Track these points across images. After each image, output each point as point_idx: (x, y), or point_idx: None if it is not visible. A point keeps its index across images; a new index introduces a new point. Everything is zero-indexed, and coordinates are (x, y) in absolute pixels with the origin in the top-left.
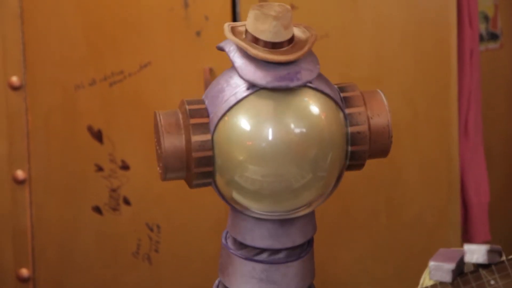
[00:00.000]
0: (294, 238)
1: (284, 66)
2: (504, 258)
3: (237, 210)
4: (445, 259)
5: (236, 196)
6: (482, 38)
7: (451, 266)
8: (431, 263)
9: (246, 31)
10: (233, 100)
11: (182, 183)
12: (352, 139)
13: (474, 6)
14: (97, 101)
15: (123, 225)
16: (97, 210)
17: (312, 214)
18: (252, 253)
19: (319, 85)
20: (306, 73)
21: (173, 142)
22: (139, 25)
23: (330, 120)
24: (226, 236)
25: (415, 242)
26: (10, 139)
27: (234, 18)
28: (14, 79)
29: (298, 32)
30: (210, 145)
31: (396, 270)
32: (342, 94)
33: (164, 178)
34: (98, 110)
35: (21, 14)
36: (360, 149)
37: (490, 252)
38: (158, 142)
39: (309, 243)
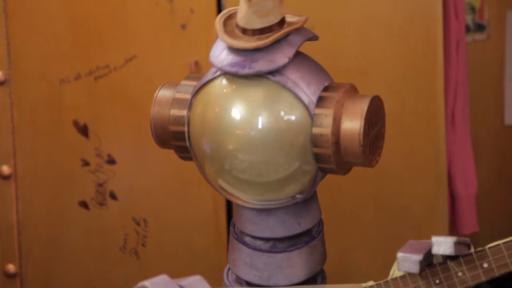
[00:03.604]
0: (273, 230)
1: (245, 53)
2: (472, 250)
3: None
4: (413, 251)
5: (222, 184)
6: (469, 29)
7: (418, 257)
8: (399, 254)
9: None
10: (203, 81)
11: (168, 177)
12: (314, 140)
13: None
14: (82, 96)
15: (110, 220)
16: (84, 205)
17: (298, 209)
18: (243, 235)
19: (283, 79)
20: (263, 63)
21: (160, 113)
22: (124, 18)
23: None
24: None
25: (403, 234)
26: None
27: (219, 11)
28: None
29: (293, 19)
30: (183, 121)
31: (384, 262)
32: (322, 93)
33: (159, 145)
34: (84, 105)
35: (5, 8)
36: (323, 152)
37: (458, 244)
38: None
39: (307, 241)
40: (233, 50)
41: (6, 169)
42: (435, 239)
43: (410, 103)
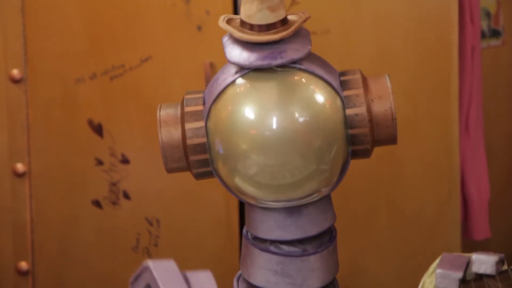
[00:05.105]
0: (305, 228)
1: (269, 46)
2: (506, 267)
3: (248, 202)
4: (452, 267)
5: (238, 183)
6: (484, 35)
7: (458, 275)
8: (438, 271)
9: (240, 20)
10: (223, 85)
11: (181, 177)
12: (350, 121)
13: (476, 2)
14: (97, 95)
15: (123, 219)
16: (97, 204)
17: (324, 204)
18: (269, 244)
19: (311, 66)
20: (291, 52)
21: (169, 132)
22: (140, 19)
23: (330, 107)
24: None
25: (415, 239)
26: (10, 132)
27: (235, 12)
28: (15, 72)
29: (294, 17)
30: (203, 132)
31: (396, 267)
32: (341, 78)
33: (167, 170)
34: (99, 104)
35: (22, 7)
36: (360, 132)
37: (497, 262)
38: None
39: (330, 238)
40: (253, 46)
41: (20, 167)
42: (476, 257)
43: (424, 108)
